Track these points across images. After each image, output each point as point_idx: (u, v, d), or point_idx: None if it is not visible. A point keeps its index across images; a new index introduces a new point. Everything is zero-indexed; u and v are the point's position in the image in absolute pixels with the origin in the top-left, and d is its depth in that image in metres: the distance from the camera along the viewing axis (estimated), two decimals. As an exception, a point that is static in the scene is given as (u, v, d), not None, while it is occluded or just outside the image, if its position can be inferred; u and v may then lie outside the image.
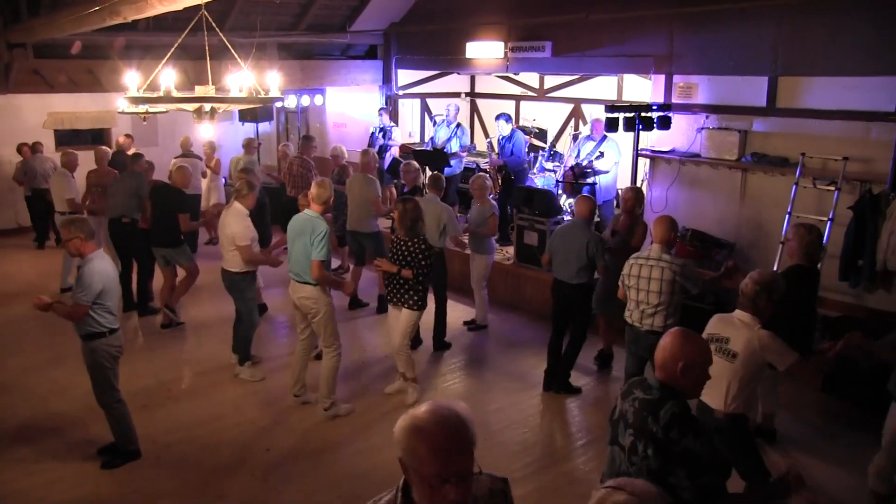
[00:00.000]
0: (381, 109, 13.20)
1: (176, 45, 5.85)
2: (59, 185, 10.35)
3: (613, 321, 7.54)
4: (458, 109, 12.95)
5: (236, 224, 7.37)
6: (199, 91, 5.12)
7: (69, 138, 14.32)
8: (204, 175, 12.69)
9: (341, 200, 9.75)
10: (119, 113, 9.73)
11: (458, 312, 9.44)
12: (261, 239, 7.84)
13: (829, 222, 7.72)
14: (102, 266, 5.59)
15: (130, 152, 11.55)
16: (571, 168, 10.66)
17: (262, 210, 8.81)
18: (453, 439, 2.18)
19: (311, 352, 7.11)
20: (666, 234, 6.04)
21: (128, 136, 13.02)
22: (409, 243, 6.76)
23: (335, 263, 9.19)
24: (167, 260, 9.00)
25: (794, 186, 8.04)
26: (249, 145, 12.29)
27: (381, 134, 12.66)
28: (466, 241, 8.90)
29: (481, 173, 9.76)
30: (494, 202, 9.16)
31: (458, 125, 12.52)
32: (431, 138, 12.91)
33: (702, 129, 9.10)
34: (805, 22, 8.11)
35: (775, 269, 7.82)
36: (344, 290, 7.34)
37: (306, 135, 11.37)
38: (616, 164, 10.42)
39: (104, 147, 10.68)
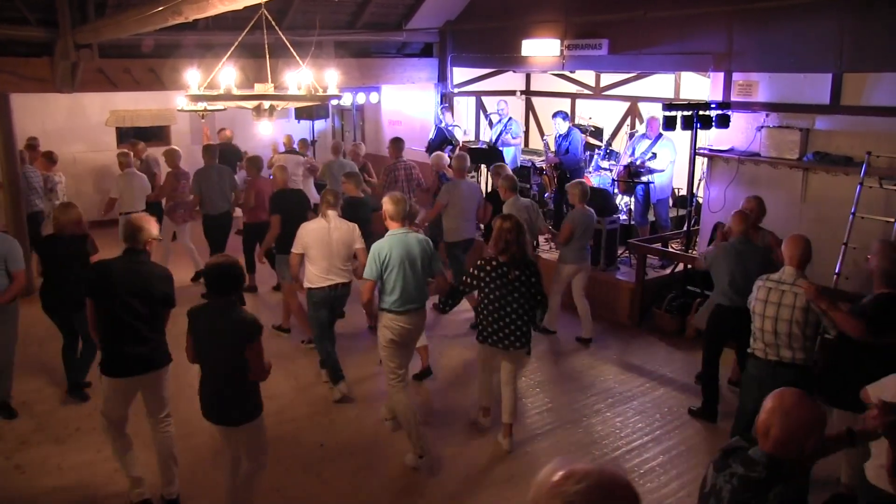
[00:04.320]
0: (442, 107, 13.25)
1: (236, 43, 5.93)
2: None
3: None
4: (507, 105, 13.02)
5: (349, 231, 7.09)
6: (259, 89, 5.17)
7: (130, 136, 14.59)
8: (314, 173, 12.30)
9: None
10: (178, 111, 9.85)
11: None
12: None
13: (895, 223, 7.52)
14: None
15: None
16: (626, 166, 10.58)
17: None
18: None
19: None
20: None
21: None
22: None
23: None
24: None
25: (858, 186, 7.83)
26: (356, 151, 11.62)
27: (451, 139, 12.60)
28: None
29: (580, 179, 9.26)
30: (591, 210, 8.63)
31: (510, 118, 12.63)
32: (490, 139, 12.91)
33: (761, 127, 8.93)
34: (872, 16, 7.88)
35: (837, 270, 7.65)
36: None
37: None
38: (672, 163, 10.31)
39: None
